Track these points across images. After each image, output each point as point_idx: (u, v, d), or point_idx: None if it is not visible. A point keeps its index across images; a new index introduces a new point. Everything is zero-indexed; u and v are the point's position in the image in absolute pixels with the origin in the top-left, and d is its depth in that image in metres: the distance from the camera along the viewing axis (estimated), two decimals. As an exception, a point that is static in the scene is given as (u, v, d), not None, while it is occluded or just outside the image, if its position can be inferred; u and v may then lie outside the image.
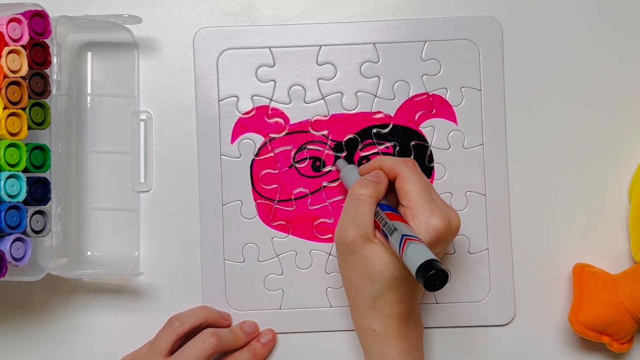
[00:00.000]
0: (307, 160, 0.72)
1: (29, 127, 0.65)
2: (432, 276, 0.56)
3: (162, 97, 0.73)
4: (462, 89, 0.72)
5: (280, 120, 0.72)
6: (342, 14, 0.74)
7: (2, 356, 0.72)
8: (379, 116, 0.72)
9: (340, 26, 0.73)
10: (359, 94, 0.72)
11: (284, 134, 0.72)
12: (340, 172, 0.71)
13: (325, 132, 0.72)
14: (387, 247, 0.62)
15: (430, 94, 0.72)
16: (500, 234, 0.72)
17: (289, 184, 0.72)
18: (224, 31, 0.73)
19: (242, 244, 0.72)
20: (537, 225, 0.73)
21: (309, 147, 0.72)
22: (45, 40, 0.65)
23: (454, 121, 0.72)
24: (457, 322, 0.72)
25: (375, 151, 0.72)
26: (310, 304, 0.72)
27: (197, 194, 0.72)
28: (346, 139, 0.72)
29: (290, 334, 0.72)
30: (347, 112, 0.72)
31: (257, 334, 0.71)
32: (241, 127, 0.72)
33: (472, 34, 0.72)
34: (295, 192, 0.72)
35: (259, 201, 0.72)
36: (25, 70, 0.64)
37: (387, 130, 0.72)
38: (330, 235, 0.72)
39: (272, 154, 0.72)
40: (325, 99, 0.72)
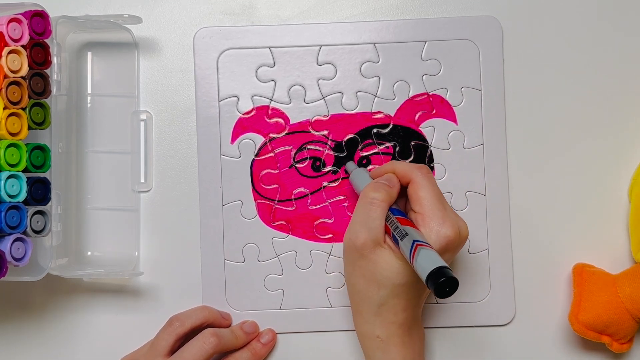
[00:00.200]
0: (307, 160, 0.72)
1: (29, 127, 0.65)
2: (442, 283, 0.55)
3: (162, 97, 0.73)
4: (462, 89, 0.72)
5: (280, 120, 0.72)
6: (342, 14, 0.74)
7: (2, 356, 0.72)
8: (379, 116, 0.72)
9: (340, 26, 0.73)
10: (359, 94, 0.72)
11: (284, 134, 0.72)
12: (350, 175, 0.71)
13: (325, 132, 0.72)
14: (396, 252, 0.62)
15: (430, 94, 0.72)
16: (500, 234, 0.72)
17: (289, 184, 0.72)
18: (224, 31, 0.73)
19: (242, 244, 0.72)
20: (537, 225, 0.73)
21: (309, 147, 0.72)
22: (45, 40, 0.65)
23: (454, 121, 0.72)
24: (457, 322, 0.72)
25: (375, 151, 0.72)
26: (310, 304, 0.72)
27: (197, 194, 0.72)
28: (346, 139, 0.72)
29: (290, 334, 0.72)
30: (347, 112, 0.72)
31: (257, 334, 0.71)
32: (241, 127, 0.72)
33: (472, 34, 0.72)
34: (295, 192, 0.72)
35: (259, 201, 0.72)
36: (25, 70, 0.64)
37: (387, 130, 0.72)
38: (330, 235, 0.72)
39: (272, 154, 0.72)
40: (325, 99, 0.72)
